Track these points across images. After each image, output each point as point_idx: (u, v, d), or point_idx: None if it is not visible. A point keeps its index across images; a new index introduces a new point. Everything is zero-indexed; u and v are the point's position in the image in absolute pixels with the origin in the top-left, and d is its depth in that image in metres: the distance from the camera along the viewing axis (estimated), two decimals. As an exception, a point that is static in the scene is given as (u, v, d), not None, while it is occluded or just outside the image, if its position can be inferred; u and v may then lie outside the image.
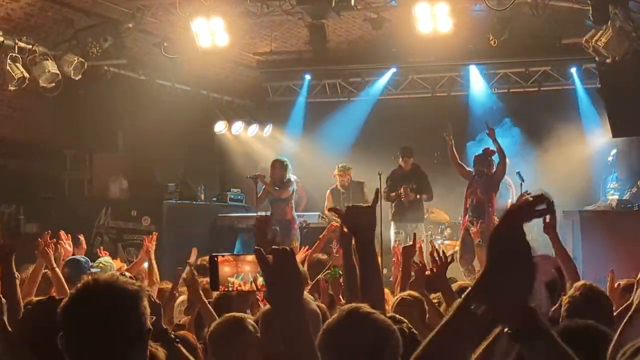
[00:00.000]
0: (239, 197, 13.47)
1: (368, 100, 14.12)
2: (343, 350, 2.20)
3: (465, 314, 1.60)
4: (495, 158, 10.63)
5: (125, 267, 7.70)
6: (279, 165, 11.27)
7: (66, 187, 12.77)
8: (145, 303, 2.17)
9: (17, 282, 3.93)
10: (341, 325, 2.28)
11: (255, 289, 2.16)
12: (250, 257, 2.05)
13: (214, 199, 13.30)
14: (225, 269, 2.13)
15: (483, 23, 10.43)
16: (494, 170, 10.55)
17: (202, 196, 13.00)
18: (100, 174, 12.59)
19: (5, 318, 2.96)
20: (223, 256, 2.13)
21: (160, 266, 7.17)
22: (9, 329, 2.88)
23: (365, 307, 2.41)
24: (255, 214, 11.17)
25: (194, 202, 12.70)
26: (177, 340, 2.76)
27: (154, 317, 2.76)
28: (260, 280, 2.09)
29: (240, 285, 2.13)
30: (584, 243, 9.94)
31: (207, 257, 6.42)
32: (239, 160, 14.10)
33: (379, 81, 13.97)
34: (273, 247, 2.00)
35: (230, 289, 2.16)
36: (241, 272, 2.10)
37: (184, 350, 2.72)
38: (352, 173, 12.21)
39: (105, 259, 7.75)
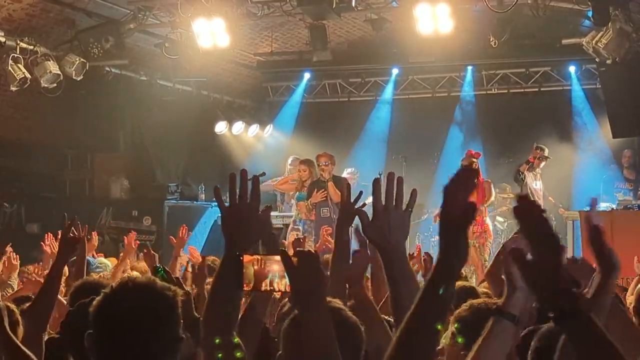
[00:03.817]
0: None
1: (369, 101, 14.15)
2: None
3: (432, 297, 1.65)
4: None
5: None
6: (305, 167, 10.88)
7: (67, 187, 12.78)
8: (180, 310, 2.10)
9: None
10: None
11: (276, 289, 2.16)
12: (278, 257, 2.06)
13: (214, 199, 13.31)
14: (252, 268, 2.13)
15: (483, 24, 10.45)
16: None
17: (203, 196, 13.01)
18: (102, 174, 12.60)
19: (6, 325, 2.90)
20: (251, 255, 2.13)
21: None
22: (12, 336, 2.84)
23: None
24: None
25: (195, 202, 12.71)
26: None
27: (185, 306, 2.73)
28: (284, 281, 2.09)
29: (265, 285, 2.13)
30: (583, 243, 9.96)
31: (211, 257, 6.47)
32: (239, 161, 14.11)
33: (381, 82, 14.00)
34: (298, 249, 2.03)
35: (260, 288, 2.16)
36: (269, 271, 2.10)
37: None
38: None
39: (100, 259, 7.75)
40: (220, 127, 13.40)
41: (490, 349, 2.18)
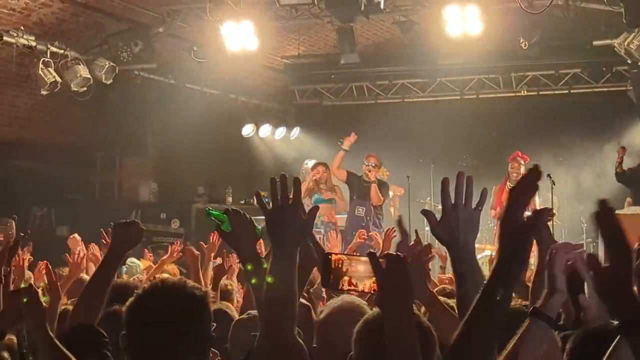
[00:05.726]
0: (266, 199, 13.44)
1: (396, 103, 14.09)
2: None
3: (488, 303, 1.61)
4: None
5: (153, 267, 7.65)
6: (324, 168, 10.93)
7: (96, 190, 12.88)
8: (211, 309, 2.15)
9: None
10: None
11: (358, 289, 2.16)
12: (364, 258, 2.05)
13: (242, 201, 13.35)
14: (338, 267, 2.13)
15: (513, 25, 10.35)
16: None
17: (230, 199, 13.04)
18: (130, 177, 12.69)
19: (49, 328, 2.87)
20: (336, 254, 2.13)
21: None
22: (55, 340, 2.80)
23: None
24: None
25: (222, 205, 12.75)
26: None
27: (251, 242, 2.65)
28: (368, 282, 2.09)
29: (343, 284, 2.13)
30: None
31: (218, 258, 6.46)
32: (266, 163, 14.13)
33: (408, 84, 13.92)
34: (387, 252, 2.02)
35: (341, 287, 2.16)
36: (354, 271, 2.09)
37: None
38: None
39: (131, 259, 7.76)
40: (248, 129, 13.42)
41: (525, 349, 2.15)
